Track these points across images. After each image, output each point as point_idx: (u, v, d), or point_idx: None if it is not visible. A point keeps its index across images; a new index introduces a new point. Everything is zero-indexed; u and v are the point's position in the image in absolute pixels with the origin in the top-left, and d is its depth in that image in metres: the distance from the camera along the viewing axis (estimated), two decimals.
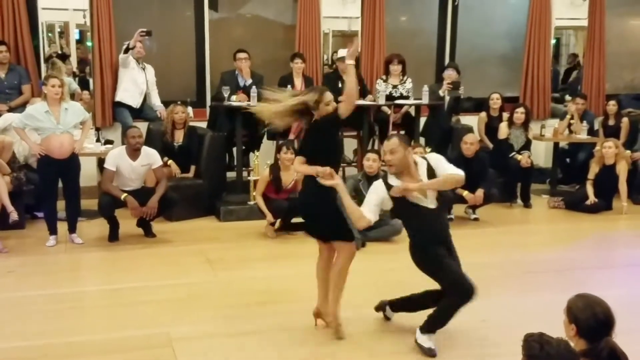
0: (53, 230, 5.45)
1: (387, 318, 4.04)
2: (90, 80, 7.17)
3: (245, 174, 6.76)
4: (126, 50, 6.85)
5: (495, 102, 7.49)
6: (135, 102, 7.09)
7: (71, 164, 5.33)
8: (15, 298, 4.33)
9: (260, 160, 6.45)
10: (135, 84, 7.08)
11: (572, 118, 7.73)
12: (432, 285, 3.74)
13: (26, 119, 5.28)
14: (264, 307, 4.22)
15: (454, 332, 3.87)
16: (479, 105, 8.27)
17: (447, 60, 8.32)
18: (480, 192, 6.32)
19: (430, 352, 3.57)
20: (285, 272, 4.98)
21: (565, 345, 2.27)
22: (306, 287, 4.64)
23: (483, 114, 7.60)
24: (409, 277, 4.77)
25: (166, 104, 7.03)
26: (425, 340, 3.61)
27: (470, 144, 6.44)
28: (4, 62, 6.61)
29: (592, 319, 2.45)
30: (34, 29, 6.87)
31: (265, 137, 7.05)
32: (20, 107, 6.33)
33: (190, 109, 6.84)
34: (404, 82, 7.26)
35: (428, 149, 6.25)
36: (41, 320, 3.96)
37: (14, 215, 5.32)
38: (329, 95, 3.73)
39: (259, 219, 6.00)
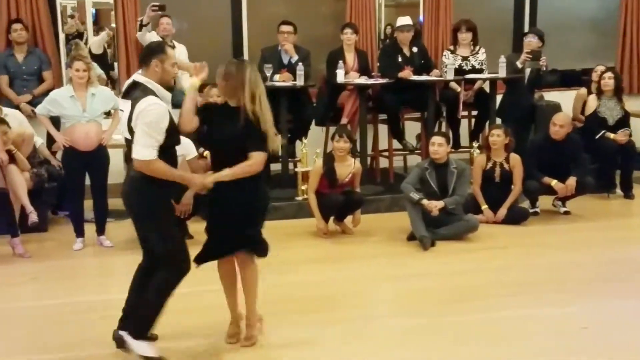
0: (80, 232, 5.64)
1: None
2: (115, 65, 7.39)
3: (291, 165, 6.84)
4: (140, 27, 7.01)
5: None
6: None
7: (98, 156, 5.51)
8: (40, 307, 4.51)
9: (309, 150, 6.52)
10: None
11: None
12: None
13: (49, 105, 5.47)
14: (319, 314, 4.29)
15: (550, 339, 3.91)
16: (566, 78, 8.15)
17: (527, 27, 8.23)
18: (572, 181, 6.25)
19: None
20: (341, 275, 5.05)
21: None
22: (365, 292, 4.72)
23: (583, 90, 7.46)
24: (482, 280, 4.83)
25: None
26: (145, 348, 3.55)
27: (560, 127, 6.35)
28: (21, 42, 6.80)
29: None
30: (52, 10, 7.12)
31: (313, 122, 7.11)
32: (42, 96, 6.56)
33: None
34: (476, 53, 7.21)
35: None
36: (70, 331, 4.11)
37: (33, 217, 5.53)
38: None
39: (308, 217, 6.08)
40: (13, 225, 5.48)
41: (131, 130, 3.45)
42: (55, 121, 5.57)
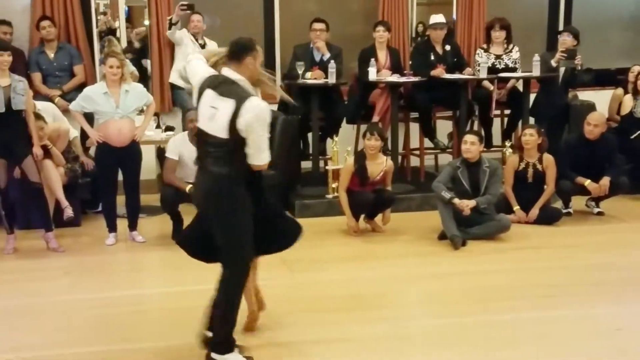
0: (112, 228, 5.72)
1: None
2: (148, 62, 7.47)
3: (322, 163, 6.86)
4: (170, 26, 7.07)
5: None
6: None
7: (131, 152, 5.57)
8: (73, 301, 4.58)
9: (340, 148, 6.52)
10: None
11: None
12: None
13: (83, 101, 5.54)
14: (350, 313, 4.30)
15: (584, 340, 3.89)
16: (601, 77, 8.05)
17: (561, 25, 8.14)
18: (605, 181, 6.19)
19: None
20: (371, 274, 5.05)
21: None
22: (396, 291, 4.72)
23: (620, 90, 7.38)
24: (513, 281, 4.79)
25: None
26: None
27: (594, 126, 6.28)
28: (51, 39, 6.91)
29: None
30: (85, 7, 7.21)
31: (344, 120, 7.12)
32: (73, 92, 6.66)
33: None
34: (510, 52, 7.15)
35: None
36: (101, 325, 4.18)
37: (68, 211, 5.61)
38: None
39: (338, 215, 6.09)
40: (47, 219, 5.57)
41: (233, 130, 3.31)
42: (89, 117, 5.66)
